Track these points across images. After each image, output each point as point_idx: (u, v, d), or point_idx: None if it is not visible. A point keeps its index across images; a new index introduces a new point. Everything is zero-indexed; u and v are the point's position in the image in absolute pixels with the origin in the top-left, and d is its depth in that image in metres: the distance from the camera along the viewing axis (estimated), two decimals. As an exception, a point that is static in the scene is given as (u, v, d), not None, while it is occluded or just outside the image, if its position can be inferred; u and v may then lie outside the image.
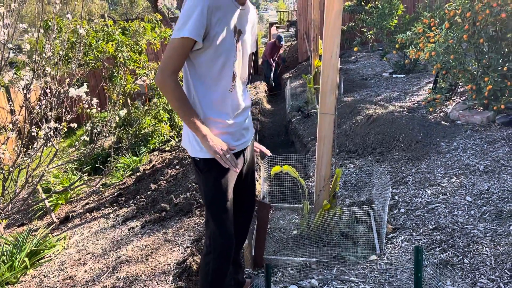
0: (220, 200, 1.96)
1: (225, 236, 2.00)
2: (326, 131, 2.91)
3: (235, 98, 1.91)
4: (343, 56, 11.89)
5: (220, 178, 1.92)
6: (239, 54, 1.87)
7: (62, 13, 29.20)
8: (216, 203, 1.97)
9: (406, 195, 3.36)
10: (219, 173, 1.91)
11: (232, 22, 1.77)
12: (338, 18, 2.62)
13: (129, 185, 5.37)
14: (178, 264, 3.09)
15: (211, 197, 1.97)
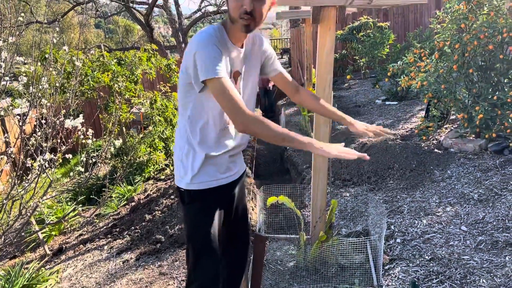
0: (201, 234, 1.91)
1: (205, 269, 1.96)
2: (321, 163, 2.93)
3: (227, 136, 1.89)
4: (336, 83, 12.06)
5: (204, 211, 1.89)
6: None
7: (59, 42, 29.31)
8: (196, 236, 1.94)
9: (402, 224, 3.36)
10: (203, 206, 1.89)
11: (230, 65, 1.76)
12: (329, 55, 2.69)
13: (124, 216, 5.33)
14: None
15: (192, 230, 1.95)
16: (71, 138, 4.91)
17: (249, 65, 1.91)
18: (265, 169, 6.83)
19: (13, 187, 4.45)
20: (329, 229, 3.11)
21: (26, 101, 4.80)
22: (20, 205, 4.45)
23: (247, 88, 1.92)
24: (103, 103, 7.14)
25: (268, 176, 6.47)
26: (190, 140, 1.86)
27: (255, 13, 1.66)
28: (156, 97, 7.29)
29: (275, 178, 6.27)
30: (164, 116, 7.32)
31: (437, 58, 4.41)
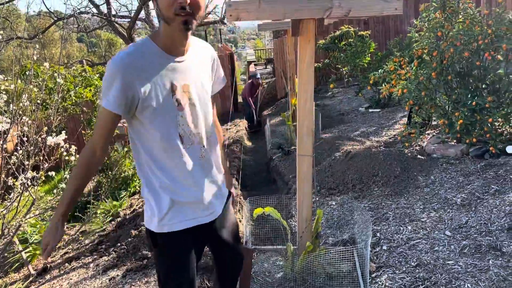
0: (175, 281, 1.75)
1: None
2: (305, 173, 2.95)
3: (186, 164, 1.67)
4: (320, 91, 12.18)
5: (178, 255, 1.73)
6: (187, 110, 1.65)
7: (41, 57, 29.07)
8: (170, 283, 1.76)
9: (387, 231, 3.39)
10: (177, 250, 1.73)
11: (166, 79, 1.58)
12: (310, 68, 2.71)
13: (110, 232, 5.26)
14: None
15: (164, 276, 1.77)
16: (54, 155, 4.86)
17: (199, 75, 1.71)
18: (251, 179, 6.82)
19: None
20: (316, 239, 3.12)
21: (7, 118, 4.73)
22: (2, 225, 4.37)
23: (201, 100, 1.71)
24: (86, 118, 7.08)
25: (254, 186, 6.46)
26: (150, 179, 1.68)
27: (192, 6, 1.49)
28: (140, 110, 7.23)
29: (262, 188, 6.27)
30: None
31: (416, 66, 4.49)
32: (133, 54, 1.54)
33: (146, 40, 1.59)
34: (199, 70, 1.71)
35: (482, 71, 4.24)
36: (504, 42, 3.90)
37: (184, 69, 1.62)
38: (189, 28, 1.52)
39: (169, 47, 1.58)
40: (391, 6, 2.21)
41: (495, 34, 3.99)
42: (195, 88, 1.66)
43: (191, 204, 1.72)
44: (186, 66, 1.64)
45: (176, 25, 1.51)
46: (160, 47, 1.57)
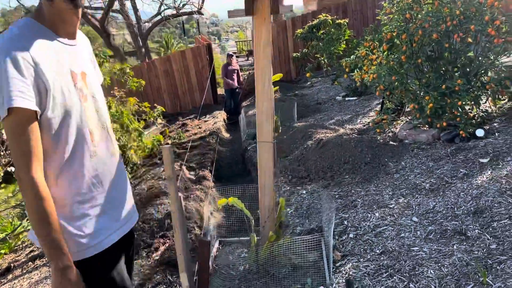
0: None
1: None
2: (266, 160, 2.82)
3: (97, 165, 1.44)
4: (299, 82, 12.07)
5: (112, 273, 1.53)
6: (91, 103, 1.44)
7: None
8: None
9: (355, 219, 3.29)
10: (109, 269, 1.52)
11: (65, 65, 1.34)
12: (267, 47, 2.58)
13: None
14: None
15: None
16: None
17: (89, 63, 1.51)
18: (227, 171, 6.69)
19: None
20: (279, 228, 3.01)
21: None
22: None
23: (99, 92, 1.51)
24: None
25: (230, 178, 6.32)
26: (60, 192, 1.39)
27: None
28: (110, 103, 7.04)
29: (237, 180, 6.14)
30: (120, 122, 7.08)
31: (385, 50, 4.39)
32: (23, 33, 1.27)
33: (30, 22, 1.31)
34: (88, 59, 1.51)
35: (453, 53, 4.15)
36: (473, 23, 3.81)
37: (78, 55, 1.40)
38: (79, 5, 1.31)
39: (59, 29, 1.33)
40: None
41: (464, 15, 3.90)
42: (91, 77, 1.45)
43: (108, 215, 1.49)
44: (79, 52, 1.41)
45: (62, 3, 1.28)
46: (49, 28, 1.31)
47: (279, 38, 13.11)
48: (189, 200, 4.53)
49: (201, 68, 12.89)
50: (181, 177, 5.28)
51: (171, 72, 12.84)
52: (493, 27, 3.75)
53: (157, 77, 12.77)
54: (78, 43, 1.43)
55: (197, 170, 5.83)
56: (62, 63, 1.32)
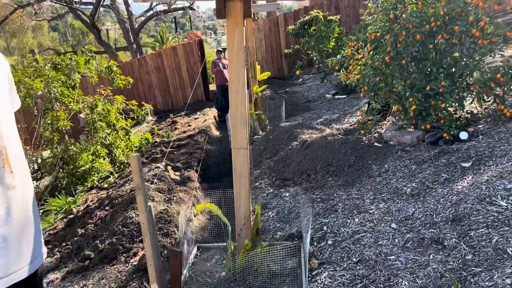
0: None
1: None
2: (242, 167, 2.76)
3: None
4: (291, 79, 11.98)
5: None
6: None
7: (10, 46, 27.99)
8: None
9: (334, 225, 3.24)
10: None
11: None
12: (239, 53, 2.51)
13: (59, 230, 5.00)
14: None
15: None
16: None
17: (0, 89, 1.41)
18: (214, 170, 6.62)
19: None
20: (256, 235, 2.95)
21: None
22: None
23: (6, 116, 1.42)
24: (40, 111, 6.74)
25: (217, 178, 6.26)
26: None
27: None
28: (96, 101, 6.95)
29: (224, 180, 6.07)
30: (106, 121, 6.99)
31: (370, 50, 4.33)
32: None
33: None
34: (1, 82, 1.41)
35: (438, 54, 4.09)
36: (457, 24, 3.75)
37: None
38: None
39: None
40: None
41: (448, 15, 3.83)
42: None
43: None
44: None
45: None
46: None
47: (271, 34, 13.00)
48: (172, 202, 4.47)
49: (193, 64, 12.78)
50: (165, 177, 5.21)
51: (163, 69, 12.72)
52: (478, 28, 3.69)
53: (148, 73, 12.66)
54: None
55: (183, 171, 5.76)
56: None
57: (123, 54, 22.58)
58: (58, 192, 6.51)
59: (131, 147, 7.41)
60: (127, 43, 14.53)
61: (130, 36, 14.32)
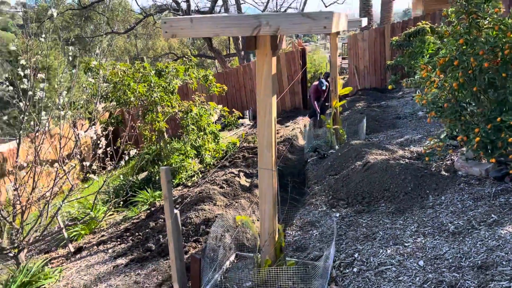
0: None
1: None
2: (266, 187, 2.93)
3: None
4: (392, 91, 11.51)
5: None
6: None
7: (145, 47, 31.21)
8: None
9: (366, 253, 3.22)
10: None
11: None
12: (267, 81, 2.68)
13: (140, 221, 5.67)
14: (130, 307, 3.24)
15: None
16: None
17: None
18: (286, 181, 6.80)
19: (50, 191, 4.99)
20: (280, 253, 3.09)
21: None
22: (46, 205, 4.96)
23: None
24: (141, 112, 7.62)
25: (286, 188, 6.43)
26: None
27: None
28: (191, 106, 7.61)
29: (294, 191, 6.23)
30: (198, 125, 7.62)
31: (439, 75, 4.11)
32: None
33: None
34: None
35: None
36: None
37: None
38: None
39: None
40: (319, 25, 2.11)
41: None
42: None
43: None
44: None
45: None
46: None
47: (376, 44, 12.68)
48: (230, 208, 4.79)
49: (293, 72, 13.09)
50: (234, 183, 5.55)
51: (264, 75, 13.24)
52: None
53: (251, 79, 13.29)
54: None
55: (254, 178, 6.05)
56: None
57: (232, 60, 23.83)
58: (152, 185, 7.32)
59: (218, 150, 7.96)
60: (236, 50, 15.40)
61: (239, 43, 15.14)
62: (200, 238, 4.21)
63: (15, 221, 4.93)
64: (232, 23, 2.28)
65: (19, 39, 22.29)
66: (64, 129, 5.61)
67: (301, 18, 2.14)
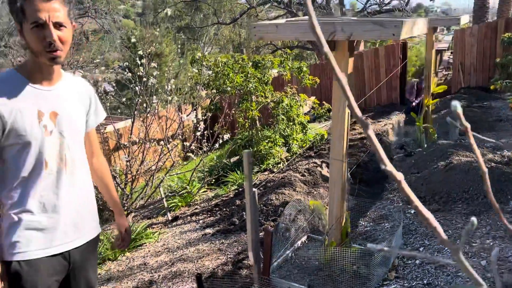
0: None
1: None
2: (336, 176, 3.21)
3: (46, 189, 1.70)
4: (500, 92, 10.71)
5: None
6: (55, 136, 1.72)
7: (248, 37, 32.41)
8: None
9: (432, 248, 3.35)
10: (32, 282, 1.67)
11: (33, 106, 1.66)
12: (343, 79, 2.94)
13: (228, 198, 6.27)
14: (212, 269, 3.78)
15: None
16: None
17: (69, 105, 1.80)
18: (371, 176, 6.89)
19: (156, 164, 5.80)
20: (346, 237, 3.36)
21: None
22: (151, 178, 5.78)
23: (70, 129, 1.79)
24: (237, 100, 8.24)
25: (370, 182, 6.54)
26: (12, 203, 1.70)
27: (60, 42, 1.61)
28: (283, 97, 8.02)
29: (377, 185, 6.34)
30: (288, 115, 8.01)
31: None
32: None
33: (10, 71, 1.70)
34: (70, 101, 1.80)
35: None
36: None
37: (51, 98, 1.72)
38: (57, 62, 1.66)
39: (35, 77, 1.69)
40: (388, 32, 2.33)
41: None
42: (64, 117, 1.75)
43: (46, 232, 1.71)
44: (54, 95, 1.74)
45: (44, 60, 1.63)
46: (25, 76, 1.67)
47: (486, 40, 11.86)
48: (309, 195, 5.12)
49: (392, 66, 12.81)
50: (315, 173, 5.86)
51: (361, 69, 13.18)
52: None
53: (347, 72, 13.31)
54: (60, 87, 1.78)
55: (337, 170, 6.28)
56: (29, 104, 1.65)
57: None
58: (242, 168, 7.92)
59: (305, 141, 8.29)
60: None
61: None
62: (278, 218, 4.62)
63: (126, 188, 5.81)
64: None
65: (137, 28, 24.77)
66: (170, 112, 6.40)
67: (372, 25, 2.38)
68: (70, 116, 1.78)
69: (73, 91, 1.84)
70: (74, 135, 1.81)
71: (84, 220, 1.85)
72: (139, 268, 4.19)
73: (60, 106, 1.74)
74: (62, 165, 1.74)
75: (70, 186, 1.77)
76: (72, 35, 1.69)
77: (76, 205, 1.80)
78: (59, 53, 1.61)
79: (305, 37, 2.65)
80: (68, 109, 1.78)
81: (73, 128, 1.80)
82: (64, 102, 1.76)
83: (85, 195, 1.87)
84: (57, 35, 1.58)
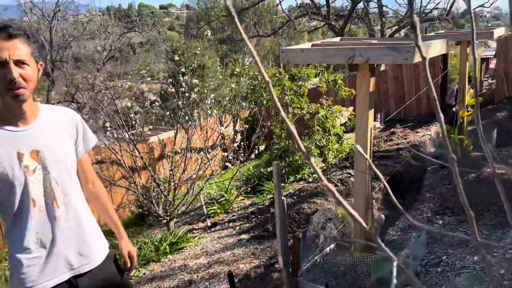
0: None
1: None
2: (359, 187, 3.44)
3: (40, 225, 1.72)
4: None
5: None
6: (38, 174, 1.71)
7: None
8: None
9: (454, 257, 3.49)
10: None
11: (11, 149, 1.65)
12: (365, 98, 3.18)
13: (264, 206, 6.57)
14: (246, 271, 4.08)
15: None
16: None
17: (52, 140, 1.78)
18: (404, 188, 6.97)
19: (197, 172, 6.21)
20: (370, 245, 3.56)
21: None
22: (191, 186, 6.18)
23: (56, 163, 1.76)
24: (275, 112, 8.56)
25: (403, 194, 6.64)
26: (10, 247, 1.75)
27: (23, 79, 1.60)
28: (318, 109, 8.25)
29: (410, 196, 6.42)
30: (323, 126, 8.22)
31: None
32: None
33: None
34: (52, 135, 1.78)
35: None
36: None
37: (29, 137, 1.70)
38: (20, 100, 1.62)
39: (9, 119, 1.67)
40: (402, 57, 2.56)
41: None
42: (47, 153, 1.73)
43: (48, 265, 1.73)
44: (32, 134, 1.71)
45: (8, 98, 1.61)
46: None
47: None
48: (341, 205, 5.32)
49: (432, 76, 12.71)
50: (348, 183, 6.05)
51: (401, 78, 13.17)
52: None
53: (386, 82, 13.32)
54: (39, 124, 1.75)
55: (370, 180, 6.44)
56: (7, 148, 1.65)
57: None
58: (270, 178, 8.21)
59: (341, 151, 8.47)
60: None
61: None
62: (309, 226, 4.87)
63: (169, 196, 6.25)
64: (332, 53, 2.86)
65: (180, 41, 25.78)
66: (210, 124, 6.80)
67: (388, 51, 2.62)
68: (54, 150, 1.76)
69: (55, 123, 1.81)
70: (62, 167, 1.79)
71: (89, 246, 1.86)
72: (179, 269, 4.57)
73: (40, 143, 1.72)
74: (51, 200, 1.74)
75: (65, 217, 1.78)
76: (37, 73, 1.67)
77: (76, 235, 1.81)
78: (21, 90, 1.59)
79: (327, 61, 2.93)
80: (51, 143, 1.75)
81: (59, 161, 1.77)
82: (45, 138, 1.74)
83: (85, 222, 1.87)
84: (18, 73, 1.57)
